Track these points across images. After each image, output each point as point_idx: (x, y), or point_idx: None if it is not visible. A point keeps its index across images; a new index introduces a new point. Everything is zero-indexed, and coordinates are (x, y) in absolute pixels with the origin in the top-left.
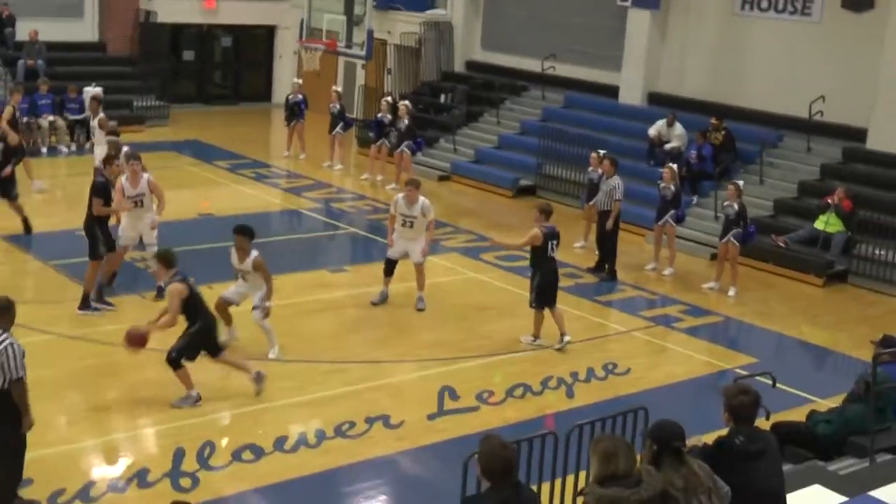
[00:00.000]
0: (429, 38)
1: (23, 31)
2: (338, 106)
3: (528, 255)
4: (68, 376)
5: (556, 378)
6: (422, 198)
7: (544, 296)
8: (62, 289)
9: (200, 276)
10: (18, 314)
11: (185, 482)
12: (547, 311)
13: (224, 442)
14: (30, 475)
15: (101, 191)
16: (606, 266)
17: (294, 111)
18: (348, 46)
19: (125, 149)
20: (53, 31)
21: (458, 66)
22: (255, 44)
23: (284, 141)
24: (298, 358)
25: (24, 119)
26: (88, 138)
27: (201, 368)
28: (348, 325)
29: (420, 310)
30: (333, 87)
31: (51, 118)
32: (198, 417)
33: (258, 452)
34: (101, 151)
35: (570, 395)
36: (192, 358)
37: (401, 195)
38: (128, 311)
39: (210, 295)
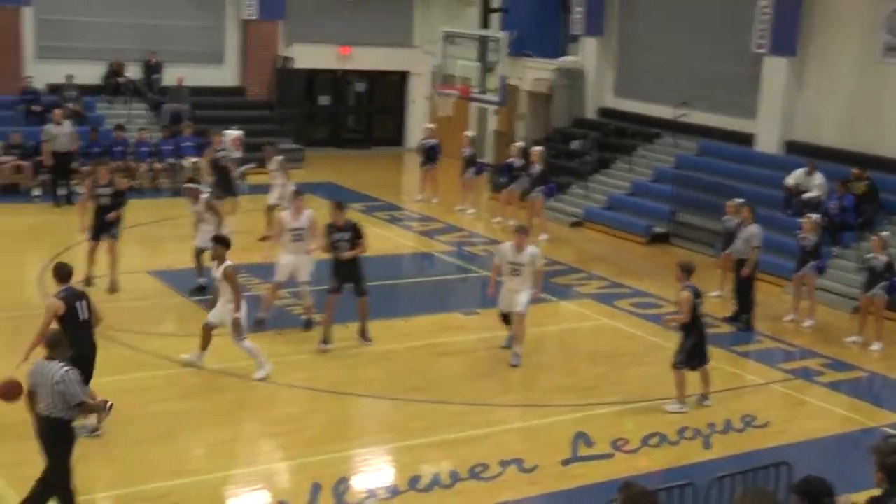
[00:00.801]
0: (561, 85)
1: (169, 77)
2: (469, 151)
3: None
4: (207, 409)
5: (693, 429)
6: (530, 245)
7: (695, 357)
8: (200, 324)
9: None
10: (161, 346)
11: None
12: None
13: (360, 479)
14: (176, 501)
15: None
16: (743, 316)
17: (428, 155)
18: (482, 92)
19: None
20: (197, 76)
21: (590, 113)
22: (389, 89)
23: (417, 184)
24: (430, 399)
25: (169, 160)
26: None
27: (353, 405)
28: (480, 368)
29: (514, 366)
30: (465, 132)
31: (193, 159)
32: (334, 454)
33: (393, 491)
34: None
35: (706, 446)
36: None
37: (508, 243)
38: (259, 346)
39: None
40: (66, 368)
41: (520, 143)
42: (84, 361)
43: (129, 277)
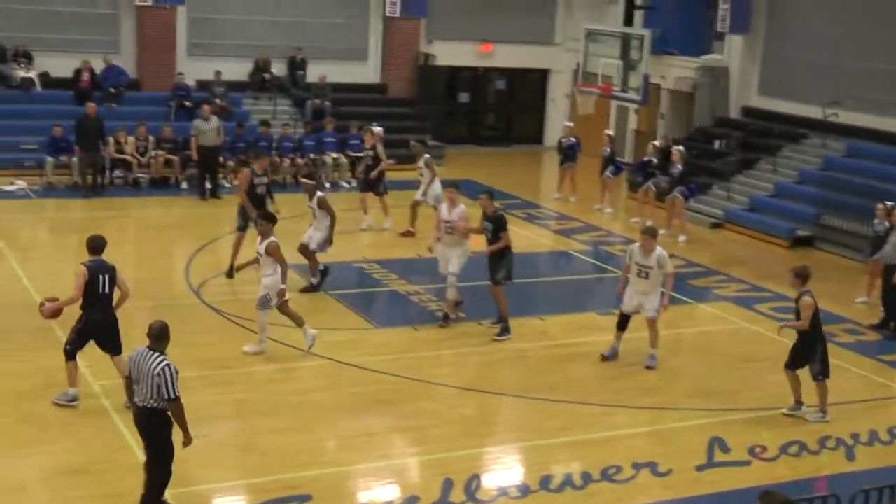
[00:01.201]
0: (704, 83)
1: (312, 73)
2: (609, 150)
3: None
4: (343, 401)
5: (835, 438)
6: (659, 248)
7: (828, 364)
8: (341, 317)
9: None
10: (300, 339)
11: None
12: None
13: (492, 477)
14: (309, 492)
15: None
16: (892, 323)
17: (567, 154)
18: (623, 91)
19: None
20: (339, 73)
21: (734, 112)
22: (529, 87)
23: (556, 183)
24: (564, 398)
25: (311, 155)
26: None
27: (487, 403)
28: (615, 369)
29: (649, 367)
30: (605, 131)
31: (334, 155)
32: (467, 450)
33: (524, 490)
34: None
35: (850, 457)
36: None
37: (636, 244)
38: (396, 342)
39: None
40: (166, 362)
41: (656, 141)
42: (89, 329)
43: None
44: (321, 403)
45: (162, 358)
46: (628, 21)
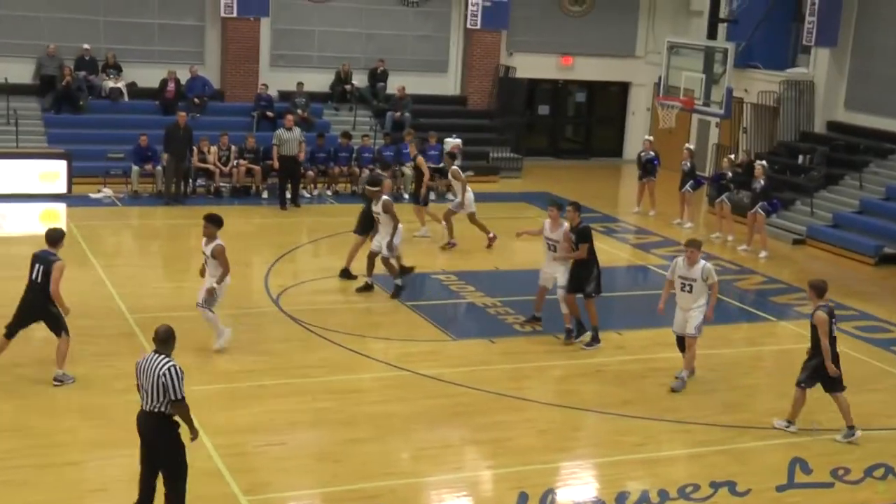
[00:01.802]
0: (788, 98)
1: (392, 85)
2: (689, 164)
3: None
4: (419, 413)
5: None
6: (703, 261)
7: (818, 379)
8: (419, 328)
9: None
10: (378, 349)
11: None
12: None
13: (567, 491)
14: (383, 502)
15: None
16: None
17: (647, 168)
18: (706, 104)
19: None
20: (420, 84)
21: (819, 127)
22: (609, 100)
23: (635, 197)
24: (641, 414)
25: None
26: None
27: (564, 417)
28: (693, 386)
29: (674, 390)
30: (686, 145)
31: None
32: (542, 464)
33: None
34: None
35: None
36: None
37: (681, 257)
38: (472, 354)
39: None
40: (172, 363)
41: (731, 155)
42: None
43: (348, 280)
44: (398, 414)
45: (168, 360)
46: (712, 34)
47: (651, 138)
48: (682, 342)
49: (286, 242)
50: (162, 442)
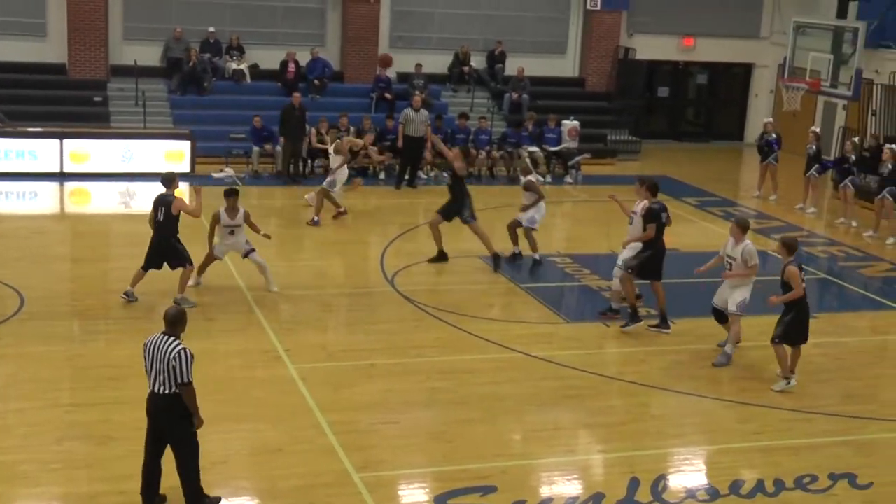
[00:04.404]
0: None
1: (511, 66)
2: (814, 147)
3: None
4: (532, 395)
5: None
6: (748, 241)
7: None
8: (533, 310)
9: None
10: (489, 330)
11: None
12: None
13: (680, 478)
14: (495, 483)
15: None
16: None
17: (767, 151)
18: (833, 86)
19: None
20: (538, 66)
21: None
22: (731, 82)
23: (756, 180)
24: (760, 402)
25: (508, 149)
26: (566, 170)
27: (677, 402)
28: (815, 374)
29: (714, 365)
30: (811, 128)
31: (531, 149)
32: (655, 450)
33: (713, 493)
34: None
35: None
36: None
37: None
38: (586, 337)
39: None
40: (182, 346)
41: (856, 138)
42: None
43: (462, 261)
44: (511, 395)
45: (177, 342)
46: (842, 13)
47: (771, 120)
48: (717, 314)
49: (403, 223)
50: (174, 422)
